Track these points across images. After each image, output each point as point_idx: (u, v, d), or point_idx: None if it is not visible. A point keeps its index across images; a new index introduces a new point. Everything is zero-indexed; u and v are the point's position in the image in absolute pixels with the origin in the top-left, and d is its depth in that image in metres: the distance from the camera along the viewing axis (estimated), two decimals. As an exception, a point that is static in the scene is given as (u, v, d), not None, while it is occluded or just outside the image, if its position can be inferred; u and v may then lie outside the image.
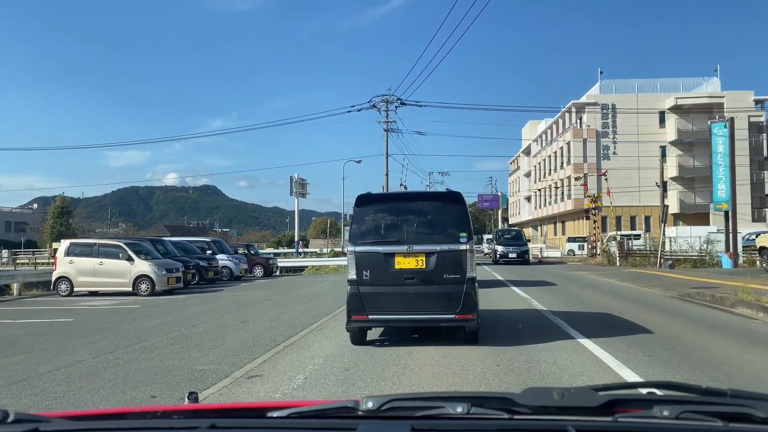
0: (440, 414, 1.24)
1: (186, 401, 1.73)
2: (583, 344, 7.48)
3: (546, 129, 62.03)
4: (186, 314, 11.91)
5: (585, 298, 13.94)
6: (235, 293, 17.14)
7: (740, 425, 1.17)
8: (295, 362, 6.89)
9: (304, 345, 8.07)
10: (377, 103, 41.92)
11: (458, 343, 7.63)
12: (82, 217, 73.41)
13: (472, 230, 7.79)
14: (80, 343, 8.61)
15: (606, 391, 1.25)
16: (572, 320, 9.61)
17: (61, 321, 11.34)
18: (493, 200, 67.40)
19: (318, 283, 21.09)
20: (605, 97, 50.79)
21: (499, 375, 6.01)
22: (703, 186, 49.31)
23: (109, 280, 16.74)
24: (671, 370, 6.06)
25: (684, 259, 26.39)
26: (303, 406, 1.33)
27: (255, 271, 26.74)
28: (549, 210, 59.95)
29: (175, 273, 17.38)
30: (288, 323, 10.22)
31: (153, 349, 7.95)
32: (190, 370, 6.49)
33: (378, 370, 6.28)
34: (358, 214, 7.88)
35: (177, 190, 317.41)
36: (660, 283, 16.56)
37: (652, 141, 49.20)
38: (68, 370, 6.64)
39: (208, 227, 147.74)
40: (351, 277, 7.64)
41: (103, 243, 17.69)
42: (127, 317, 11.67)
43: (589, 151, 50.11)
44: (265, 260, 27.42)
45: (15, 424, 1.25)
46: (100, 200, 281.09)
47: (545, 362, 6.50)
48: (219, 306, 13.26)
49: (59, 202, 64.80)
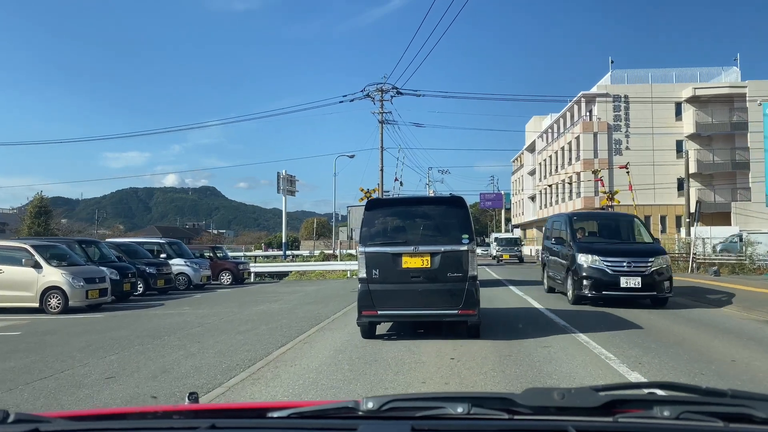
0: (440, 414, 1.24)
1: (186, 401, 1.69)
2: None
3: (552, 123, 58.33)
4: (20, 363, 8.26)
5: (660, 330, 9.19)
6: (170, 311, 13.46)
7: (741, 426, 1.17)
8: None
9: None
10: (371, 93, 38.15)
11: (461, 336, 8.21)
12: (61, 216, 69.88)
13: (473, 232, 8.29)
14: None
15: (606, 391, 1.25)
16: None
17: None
18: (495, 199, 63.79)
19: (287, 295, 17.46)
20: (617, 87, 47.11)
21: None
22: (724, 183, 45.57)
23: (8, 293, 13.07)
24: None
25: (720, 264, 22.70)
26: (303, 406, 1.33)
27: (222, 277, 23.11)
28: (555, 209, 56.15)
29: (100, 284, 13.76)
30: (166, 389, 6.51)
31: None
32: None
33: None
34: (368, 217, 8.37)
35: (176, 191, 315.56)
36: (725, 298, 12.84)
37: (667, 134, 45.52)
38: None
39: (204, 228, 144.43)
40: (362, 275, 8.14)
41: (1, 245, 14.01)
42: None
43: (600, 146, 46.41)
44: (234, 265, 23.71)
45: (15, 424, 1.25)
46: (99, 201, 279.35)
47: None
48: (111, 338, 9.35)
49: (36, 201, 60.43)
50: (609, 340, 7.94)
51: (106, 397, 5.54)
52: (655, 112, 45.96)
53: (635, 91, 46.35)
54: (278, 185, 44.39)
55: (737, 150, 45.19)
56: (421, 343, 7.91)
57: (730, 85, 45.26)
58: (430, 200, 10.74)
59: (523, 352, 7.21)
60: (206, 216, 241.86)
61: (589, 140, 46.81)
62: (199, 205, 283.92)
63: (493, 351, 7.29)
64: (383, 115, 38.98)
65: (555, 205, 56.37)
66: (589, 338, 8.07)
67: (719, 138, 45.58)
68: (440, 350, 7.44)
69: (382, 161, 38.02)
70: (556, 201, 56.14)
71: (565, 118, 54.17)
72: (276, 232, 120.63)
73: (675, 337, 8.37)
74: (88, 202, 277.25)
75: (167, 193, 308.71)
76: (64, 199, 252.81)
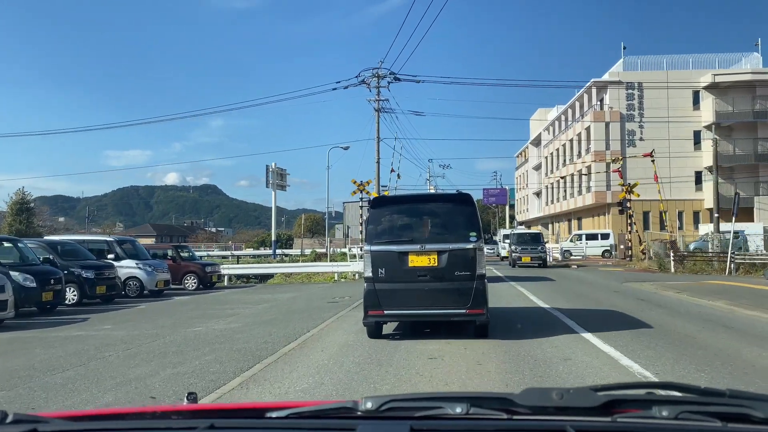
0: (439, 414, 1.24)
1: (185, 402, 1.68)
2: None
3: (559, 115, 55.13)
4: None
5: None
6: (79, 332, 10.34)
7: (739, 425, 1.16)
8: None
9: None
10: (367, 79, 34.98)
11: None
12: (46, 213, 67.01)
13: (481, 230, 8.15)
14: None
15: (605, 391, 1.24)
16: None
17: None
18: (499, 195, 60.64)
19: (249, 306, 14.43)
20: (630, 74, 43.91)
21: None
22: (746, 176, 42.32)
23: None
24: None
25: (762, 264, 19.61)
26: (302, 406, 1.32)
27: (187, 281, 20.03)
28: (564, 205, 53.01)
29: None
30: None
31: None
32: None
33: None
34: (373, 215, 8.34)
35: (177, 189, 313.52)
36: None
37: (684, 123, 42.30)
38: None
39: (202, 226, 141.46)
40: (367, 274, 8.01)
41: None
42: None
43: (612, 137, 43.19)
44: (200, 267, 20.50)
45: (13, 424, 1.24)
46: (99, 200, 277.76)
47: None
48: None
49: (17, 197, 57.42)
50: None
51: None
52: (671, 100, 42.77)
53: (650, 78, 43.16)
54: (267, 179, 41.32)
55: (760, 140, 42.01)
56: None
57: (752, 71, 42.04)
58: (436, 197, 10.53)
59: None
60: (207, 214, 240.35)
61: (600, 130, 43.60)
62: (200, 203, 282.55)
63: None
64: (379, 102, 35.95)
65: (563, 201, 53.21)
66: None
67: (740, 127, 42.34)
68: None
69: (378, 152, 34.87)
70: (564, 196, 52.97)
71: (573, 108, 50.97)
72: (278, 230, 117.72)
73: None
74: (89, 201, 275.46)
75: (168, 191, 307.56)
76: (64, 197, 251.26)
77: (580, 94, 48.30)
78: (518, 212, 76.12)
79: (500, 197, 60.93)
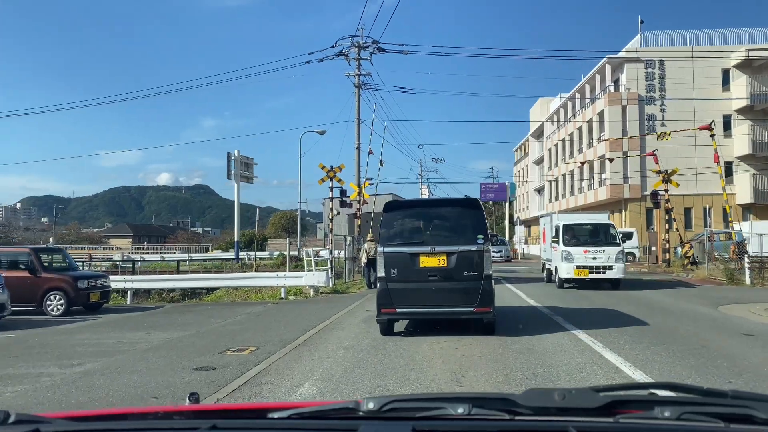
0: (441, 415, 1.23)
1: (187, 402, 1.68)
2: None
3: (565, 101, 49.28)
4: None
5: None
6: None
7: (741, 426, 1.15)
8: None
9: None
10: (345, 49, 28.91)
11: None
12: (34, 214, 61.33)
13: (488, 232, 8.77)
14: None
15: (607, 392, 1.23)
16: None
17: None
18: (498, 191, 54.73)
19: (75, 358, 8.50)
20: (650, 50, 38.06)
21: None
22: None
23: None
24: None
25: None
26: (304, 406, 1.32)
27: (50, 302, 13.81)
28: (571, 202, 47.05)
29: None
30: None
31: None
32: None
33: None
34: (386, 218, 8.90)
35: (169, 189, 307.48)
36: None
37: (712, 106, 36.42)
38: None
39: (189, 226, 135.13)
40: (380, 274, 8.66)
41: None
42: None
43: (630, 122, 37.32)
44: (70, 281, 13.67)
45: (16, 425, 1.24)
46: (90, 200, 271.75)
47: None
48: None
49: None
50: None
51: None
52: (697, 80, 36.92)
53: (672, 55, 37.30)
54: (228, 169, 35.39)
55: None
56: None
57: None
58: (446, 202, 10.98)
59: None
60: (200, 215, 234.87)
61: (616, 114, 37.69)
62: (192, 204, 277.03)
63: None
64: (360, 78, 29.88)
65: (570, 197, 47.31)
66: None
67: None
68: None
69: (358, 137, 28.79)
70: (571, 192, 47.09)
71: (582, 93, 45.07)
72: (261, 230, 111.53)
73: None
74: (80, 201, 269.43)
75: (160, 191, 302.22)
76: (54, 198, 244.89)
77: (591, 75, 42.41)
78: (518, 210, 70.30)
79: (499, 193, 55.09)
